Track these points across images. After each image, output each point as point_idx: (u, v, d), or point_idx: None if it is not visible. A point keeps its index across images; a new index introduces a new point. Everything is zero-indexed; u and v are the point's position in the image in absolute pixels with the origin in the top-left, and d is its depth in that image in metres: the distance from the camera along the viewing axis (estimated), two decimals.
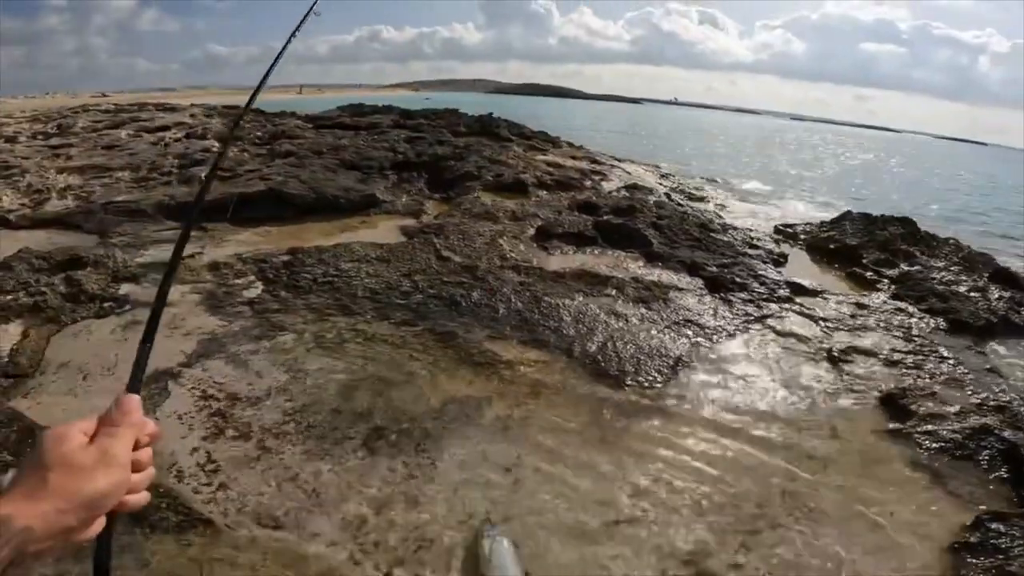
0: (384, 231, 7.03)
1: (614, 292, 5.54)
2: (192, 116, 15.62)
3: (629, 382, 4.12)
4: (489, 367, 4.16)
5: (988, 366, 4.68)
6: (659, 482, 3.12)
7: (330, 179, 8.15)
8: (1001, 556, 2.64)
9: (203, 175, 8.78)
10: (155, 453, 0.74)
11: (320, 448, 3.19)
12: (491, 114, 15.81)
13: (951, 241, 7.85)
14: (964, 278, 6.56)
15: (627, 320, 5.01)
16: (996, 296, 6.17)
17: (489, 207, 7.71)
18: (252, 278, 5.36)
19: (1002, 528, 2.80)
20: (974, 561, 2.65)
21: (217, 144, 11.24)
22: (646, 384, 4.12)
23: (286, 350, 4.20)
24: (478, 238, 6.47)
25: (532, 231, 7.01)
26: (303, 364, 4.02)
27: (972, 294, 6.09)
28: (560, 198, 8.57)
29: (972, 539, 2.75)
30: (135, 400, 0.73)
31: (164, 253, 5.95)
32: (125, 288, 5.16)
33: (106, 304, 4.82)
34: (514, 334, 4.66)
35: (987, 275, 6.90)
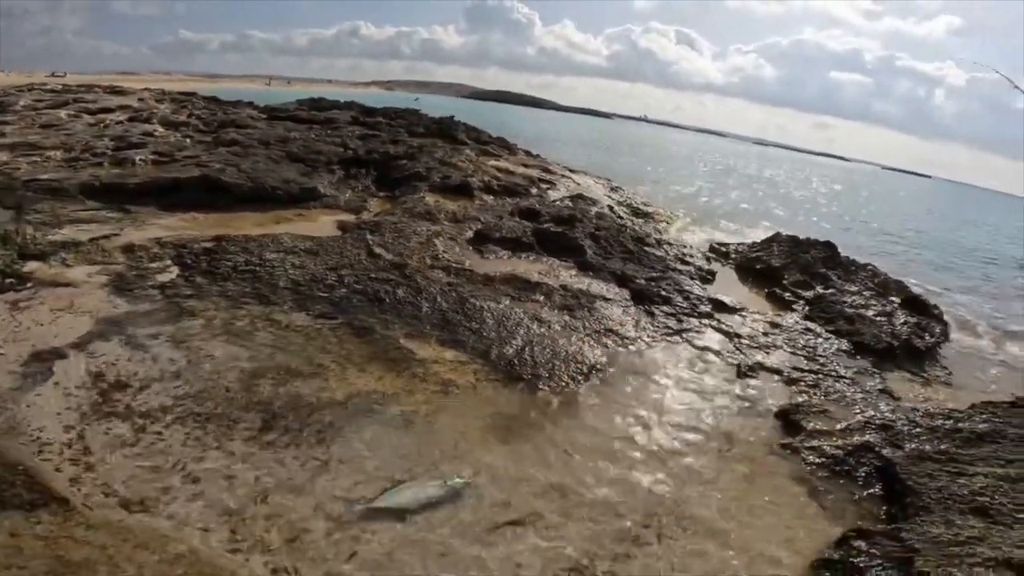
0: (320, 225, 6.93)
1: (541, 298, 5.61)
2: (140, 100, 15.02)
3: (541, 386, 4.19)
4: (402, 364, 4.15)
5: (881, 387, 4.95)
6: (555, 487, 3.15)
7: (271, 170, 7.99)
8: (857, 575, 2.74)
9: (138, 158, 8.48)
10: (20, 431, 0.70)
11: (206, 435, 3.11)
12: (452, 117, 15.81)
13: (869, 267, 8.29)
14: (874, 303, 6.92)
15: (549, 326, 5.08)
16: (901, 321, 6.53)
17: (431, 208, 7.71)
18: (168, 262, 5.20)
19: (863, 546, 2.86)
20: None
21: (161, 128, 10.87)
22: (557, 389, 4.18)
23: (190, 335, 4.09)
24: (414, 237, 6.45)
25: (470, 234, 7.04)
26: (206, 350, 3.92)
27: (879, 318, 6.43)
28: (504, 203, 8.64)
29: (834, 556, 2.83)
30: None
31: (80, 233, 5.72)
32: (31, 266, 4.95)
33: (7, 280, 4.63)
34: (433, 332, 4.67)
35: (898, 301, 7.30)
